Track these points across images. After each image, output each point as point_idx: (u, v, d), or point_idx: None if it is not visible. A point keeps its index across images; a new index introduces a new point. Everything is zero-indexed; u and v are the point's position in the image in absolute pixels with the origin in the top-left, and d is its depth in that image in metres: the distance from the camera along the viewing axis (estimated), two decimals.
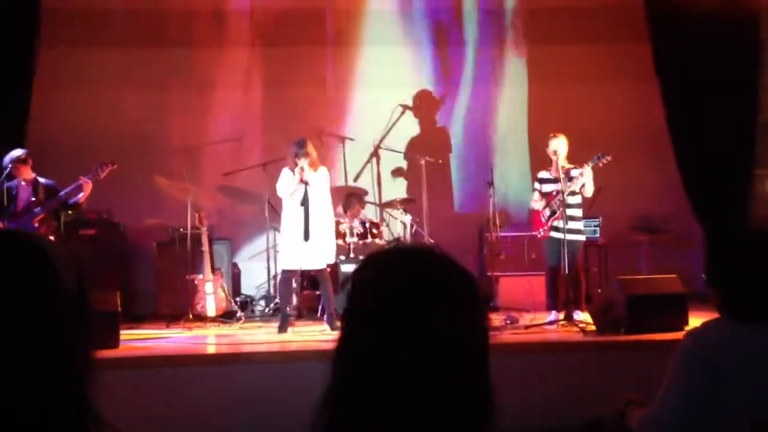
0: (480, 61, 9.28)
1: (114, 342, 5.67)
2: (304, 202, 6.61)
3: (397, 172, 8.97)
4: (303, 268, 6.81)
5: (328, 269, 7.00)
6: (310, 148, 6.74)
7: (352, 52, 9.12)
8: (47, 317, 1.13)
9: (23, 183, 6.67)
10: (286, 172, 6.80)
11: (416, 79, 9.20)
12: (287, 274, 6.87)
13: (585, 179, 6.67)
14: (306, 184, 6.63)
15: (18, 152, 6.66)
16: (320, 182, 6.74)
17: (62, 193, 6.60)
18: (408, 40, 9.20)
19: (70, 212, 6.78)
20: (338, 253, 7.43)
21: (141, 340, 6.35)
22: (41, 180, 6.72)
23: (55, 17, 8.25)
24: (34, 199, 6.63)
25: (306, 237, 6.58)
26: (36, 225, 6.52)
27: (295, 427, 1.27)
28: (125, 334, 6.16)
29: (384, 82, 9.07)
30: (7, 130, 7.70)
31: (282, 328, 6.61)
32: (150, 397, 5.08)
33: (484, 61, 9.28)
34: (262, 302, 8.23)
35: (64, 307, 1.15)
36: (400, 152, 8.83)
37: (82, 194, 6.59)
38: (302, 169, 6.58)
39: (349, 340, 1.19)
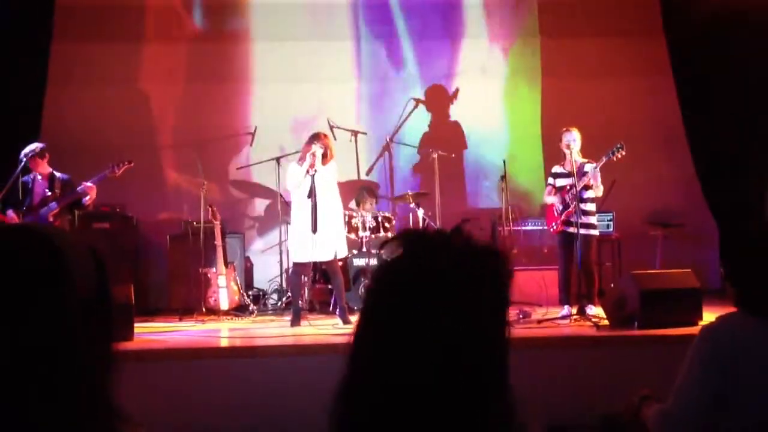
0: (493, 55, 9.24)
1: (128, 335, 5.71)
2: (311, 194, 6.57)
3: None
4: (313, 260, 6.78)
5: (340, 263, 6.99)
6: (328, 140, 6.77)
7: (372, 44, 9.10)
8: (62, 310, 1.12)
9: (39, 177, 6.70)
10: (293, 165, 6.81)
11: (428, 73, 9.17)
12: (298, 267, 6.86)
13: (592, 180, 6.63)
14: (313, 171, 6.55)
15: (34, 146, 6.69)
16: (328, 174, 6.71)
17: (78, 188, 6.62)
18: (421, 33, 9.17)
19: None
20: (350, 248, 7.44)
21: (154, 333, 6.38)
22: (57, 174, 6.75)
23: (68, 13, 8.30)
24: (49, 193, 6.66)
25: (314, 229, 6.55)
26: (51, 219, 6.55)
27: (307, 420, 1.27)
28: (138, 327, 6.19)
29: (394, 76, 9.05)
30: (21, 124, 7.75)
31: (294, 322, 6.61)
32: (162, 390, 5.10)
33: (497, 55, 9.24)
34: (275, 296, 8.25)
35: (80, 301, 1.15)
36: (413, 146, 8.82)
37: (88, 197, 6.61)
38: (314, 154, 6.52)
39: (366, 336, 1.17)
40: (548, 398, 5.15)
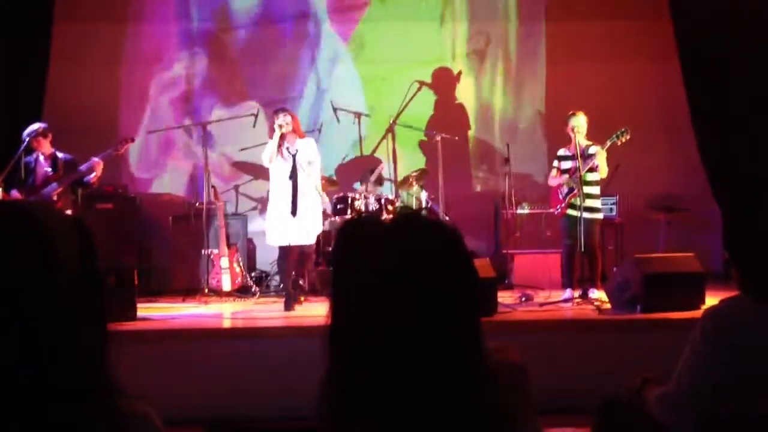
0: (498, 38, 9.18)
1: (131, 315, 5.74)
2: (293, 175, 6.47)
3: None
4: (292, 244, 6.60)
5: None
6: (291, 116, 6.60)
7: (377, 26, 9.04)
8: (44, 286, 1.11)
9: (41, 157, 6.70)
10: (270, 142, 6.65)
11: (433, 56, 9.12)
12: (283, 251, 6.69)
13: (598, 161, 6.62)
14: (294, 149, 6.45)
15: (37, 126, 6.68)
16: (307, 152, 6.58)
17: (81, 167, 6.61)
18: (425, 15, 9.12)
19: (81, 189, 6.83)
20: None
21: (157, 314, 6.39)
22: (59, 154, 6.74)
23: None
24: (52, 173, 6.66)
25: (293, 212, 6.45)
26: (54, 198, 6.55)
27: (309, 401, 1.26)
28: (141, 307, 6.21)
29: (400, 58, 9.01)
30: (24, 105, 7.74)
31: (288, 306, 6.48)
32: (165, 370, 5.12)
33: (502, 38, 9.19)
34: (277, 278, 8.25)
35: (63, 276, 1.13)
36: (419, 129, 8.79)
37: (94, 174, 6.60)
38: (280, 126, 6.43)
39: (337, 319, 1.18)
40: (550, 381, 5.16)
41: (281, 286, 7.95)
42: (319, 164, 6.78)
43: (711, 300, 5.45)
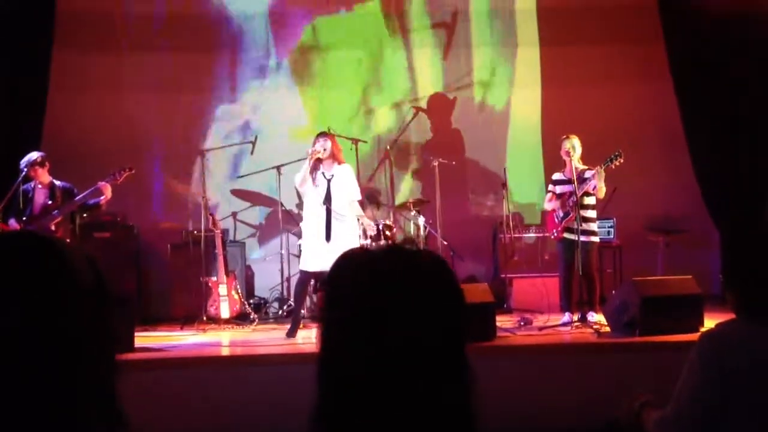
0: (493, 63, 9.26)
1: (129, 346, 5.69)
2: (327, 201, 6.42)
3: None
4: (325, 270, 6.61)
5: None
6: (332, 141, 6.58)
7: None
8: (66, 317, 1.13)
9: (39, 186, 6.72)
10: (304, 164, 6.62)
11: (429, 82, 9.20)
12: (305, 275, 6.62)
13: (597, 180, 6.64)
14: (329, 174, 6.42)
15: (34, 155, 6.70)
16: (343, 178, 6.52)
17: (79, 197, 6.63)
18: (421, 42, 9.20)
19: (85, 215, 6.82)
20: None
21: (155, 343, 6.37)
22: (57, 183, 6.76)
23: (70, 20, 8.32)
24: (50, 202, 6.67)
25: (327, 237, 6.38)
26: (53, 228, 6.56)
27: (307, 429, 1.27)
28: (140, 336, 6.19)
29: (399, 86, 9.08)
30: (23, 131, 7.77)
31: (291, 333, 6.44)
32: (164, 399, 5.10)
33: (497, 63, 9.26)
34: (276, 304, 8.25)
35: (83, 308, 1.16)
36: (413, 154, 8.84)
37: (102, 197, 6.60)
38: (315, 151, 6.40)
39: (328, 350, 1.21)
40: (549, 405, 5.15)
41: (280, 312, 7.97)
42: (356, 190, 6.68)
43: (709, 322, 5.45)
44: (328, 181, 6.49)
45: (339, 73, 9.08)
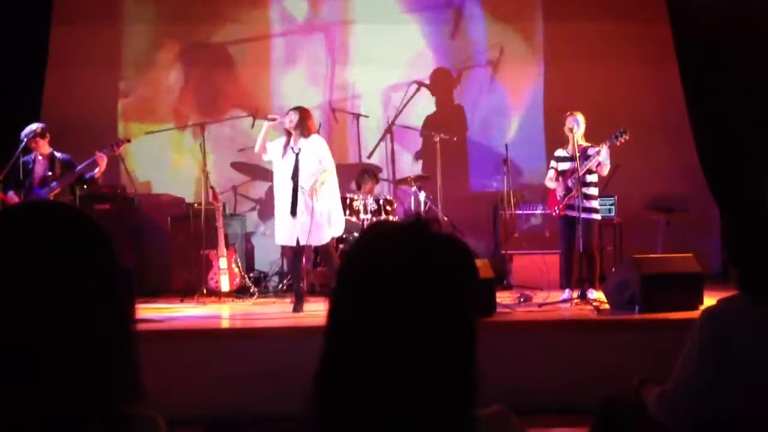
0: (496, 39, 9.18)
1: None
2: (294, 175, 6.39)
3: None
4: (294, 244, 6.48)
5: (341, 245, 6.93)
6: (302, 114, 6.49)
7: (359, 29, 9.04)
8: (101, 290, 1.14)
9: (40, 157, 6.69)
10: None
11: (433, 57, 9.13)
12: (289, 250, 6.63)
13: (601, 158, 6.61)
14: (297, 148, 6.40)
15: (35, 126, 6.67)
16: (311, 150, 6.41)
17: (78, 167, 6.62)
18: (425, 17, 9.11)
19: (85, 186, 6.81)
20: (351, 231, 7.38)
21: (155, 314, 6.38)
22: (57, 154, 6.73)
23: None
24: (50, 173, 6.65)
25: (293, 212, 6.37)
26: (52, 199, 6.54)
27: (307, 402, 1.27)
28: (140, 308, 6.20)
29: (401, 60, 9.01)
30: (22, 106, 7.72)
31: (297, 307, 6.41)
32: (163, 372, 5.11)
33: (500, 39, 9.18)
34: (276, 278, 8.26)
35: (114, 281, 1.17)
36: (415, 129, 8.79)
37: (97, 169, 6.60)
38: (272, 118, 6.57)
39: (337, 315, 1.21)
40: (548, 381, 5.17)
41: (279, 286, 7.98)
42: (328, 163, 6.50)
43: (709, 300, 5.45)
44: (297, 155, 6.41)
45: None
